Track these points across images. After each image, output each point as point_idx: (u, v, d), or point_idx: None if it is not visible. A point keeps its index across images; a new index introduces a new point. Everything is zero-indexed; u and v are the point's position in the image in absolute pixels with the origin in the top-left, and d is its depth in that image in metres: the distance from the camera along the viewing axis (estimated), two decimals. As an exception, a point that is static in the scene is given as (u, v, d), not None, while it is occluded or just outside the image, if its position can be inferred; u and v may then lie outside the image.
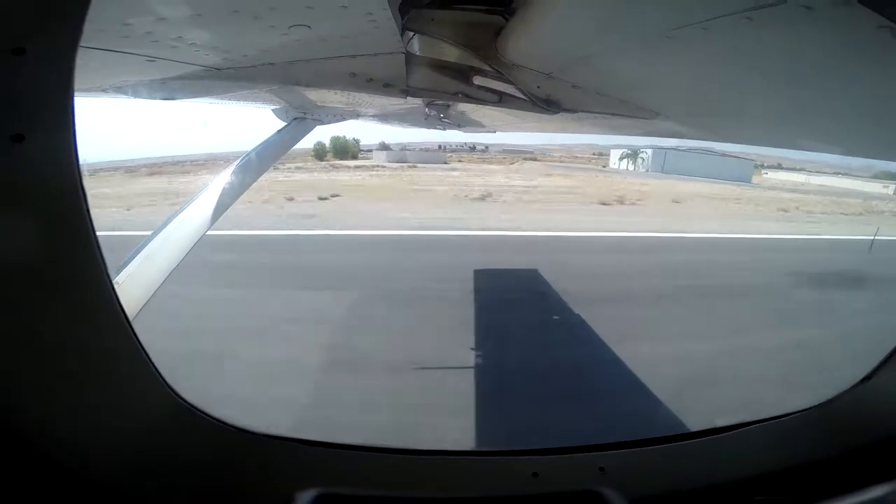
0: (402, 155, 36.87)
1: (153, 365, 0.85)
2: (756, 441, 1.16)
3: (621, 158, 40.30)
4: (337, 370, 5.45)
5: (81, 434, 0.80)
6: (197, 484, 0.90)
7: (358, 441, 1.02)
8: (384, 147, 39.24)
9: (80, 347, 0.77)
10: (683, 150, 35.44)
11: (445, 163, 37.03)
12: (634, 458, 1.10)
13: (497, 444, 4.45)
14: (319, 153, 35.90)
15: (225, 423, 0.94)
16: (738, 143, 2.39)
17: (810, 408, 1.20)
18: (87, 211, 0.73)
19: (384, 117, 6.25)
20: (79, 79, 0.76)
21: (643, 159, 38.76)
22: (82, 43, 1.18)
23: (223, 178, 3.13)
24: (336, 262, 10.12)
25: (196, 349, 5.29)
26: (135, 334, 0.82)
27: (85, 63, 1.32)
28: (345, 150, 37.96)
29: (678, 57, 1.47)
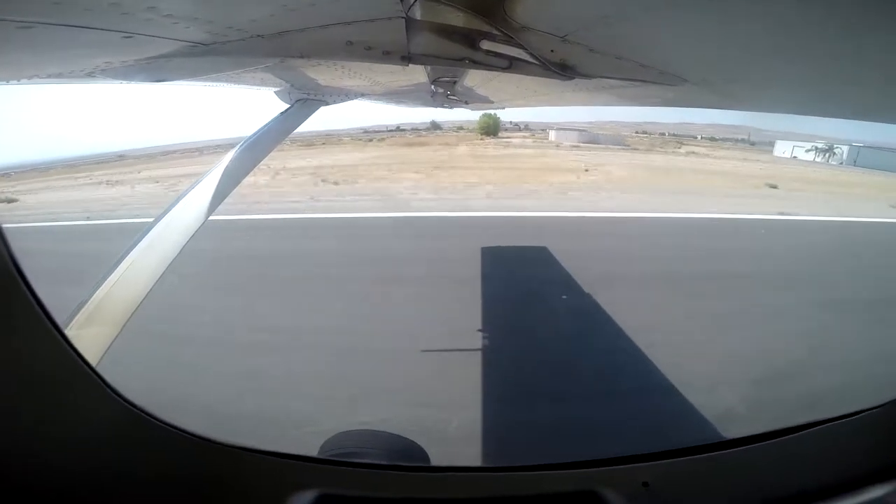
0: (593, 136, 36.61)
1: (92, 370, 0.77)
2: (819, 445, 1.05)
3: (808, 151, 40.86)
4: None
5: (24, 452, 0.73)
6: (154, 496, 0.83)
7: (341, 456, 0.94)
8: (561, 129, 39.02)
9: (4, 366, 0.69)
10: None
11: (626, 144, 36.37)
12: (681, 469, 1.00)
13: (512, 459, 4.43)
14: (490, 129, 37.59)
15: (182, 431, 0.87)
16: (777, 111, 2.19)
17: (875, 407, 1.08)
18: None
19: (390, 96, 6.07)
20: (56, 62, 0.66)
21: (836, 154, 40.81)
22: (45, 20, 1.07)
23: (225, 162, 3.05)
24: None
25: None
26: (65, 338, 0.74)
27: (54, 43, 1.22)
28: (495, 129, 39.43)
29: (707, 16, 1.30)
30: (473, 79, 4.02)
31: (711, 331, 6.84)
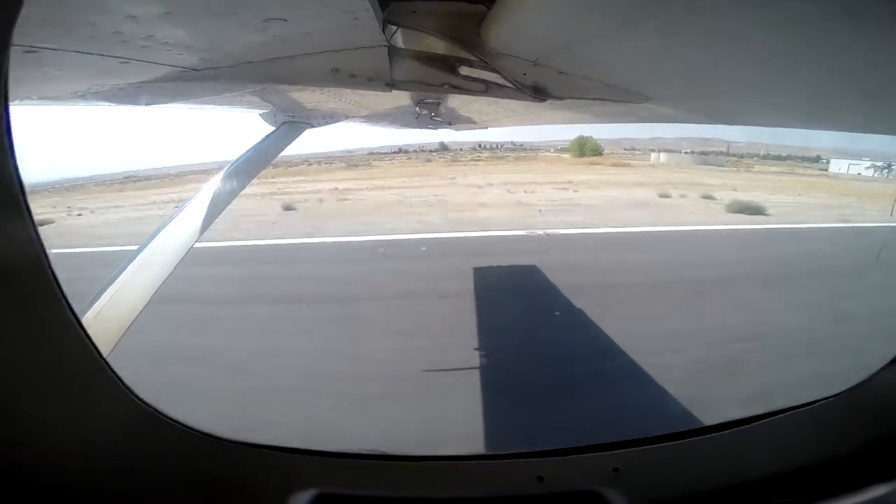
0: (705, 158, 35.24)
1: (112, 371, 0.81)
2: (784, 432, 1.10)
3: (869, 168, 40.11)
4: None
5: (41, 446, 0.76)
6: (168, 493, 0.86)
7: (346, 448, 0.98)
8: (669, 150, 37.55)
9: (30, 358, 0.73)
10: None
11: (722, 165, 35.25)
12: (651, 457, 1.05)
13: (499, 448, 4.40)
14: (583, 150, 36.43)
15: (195, 430, 0.90)
16: (731, 123, 2.36)
17: (839, 394, 1.14)
18: (31, 219, 0.68)
19: (375, 118, 6.21)
20: (51, 84, 0.72)
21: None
22: (52, 45, 1.14)
23: (212, 185, 3.09)
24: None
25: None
26: (90, 339, 0.78)
27: (56, 66, 1.29)
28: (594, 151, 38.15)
29: (665, 37, 1.44)
30: (455, 100, 4.18)
31: None
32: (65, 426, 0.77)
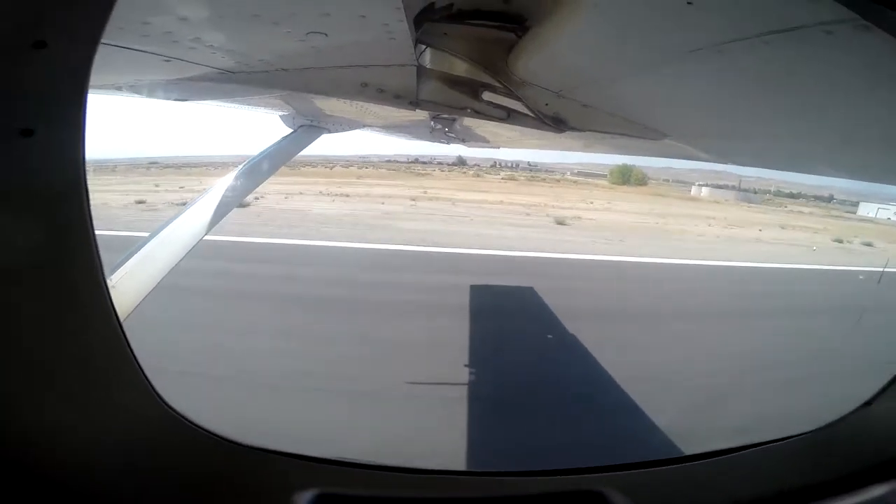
0: (748, 196, 34.74)
1: (144, 374, 0.82)
2: (758, 464, 1.14)
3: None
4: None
5: (74, 446, 0.77)
6: (191, 498, 0.86)
7: (355, 457, 0.99)
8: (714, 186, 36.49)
9: (74, 354, 0.74)
10: None
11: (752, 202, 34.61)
12: (644, 480, 1.07)
13: (500, 465, 4.35)
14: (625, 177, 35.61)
15: (217, 436, 0.90)
16: (748, 165, 2.41)
17: (812, 431, 1.19)
18: (89, 212, 0.71)
19: (389, 129, 6.30)
20: (95, 76, 0.75)
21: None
22: (107, 41, 1.19)
23: (225, 182, 3.12)
24: None
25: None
26: (128, 342, 0.79)
27: (102, 60, 1.33)
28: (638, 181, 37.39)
29: (691, 79, 1.49)
30: (472, 120, 4.25)
31: None
32: (85, 422, 0.78)
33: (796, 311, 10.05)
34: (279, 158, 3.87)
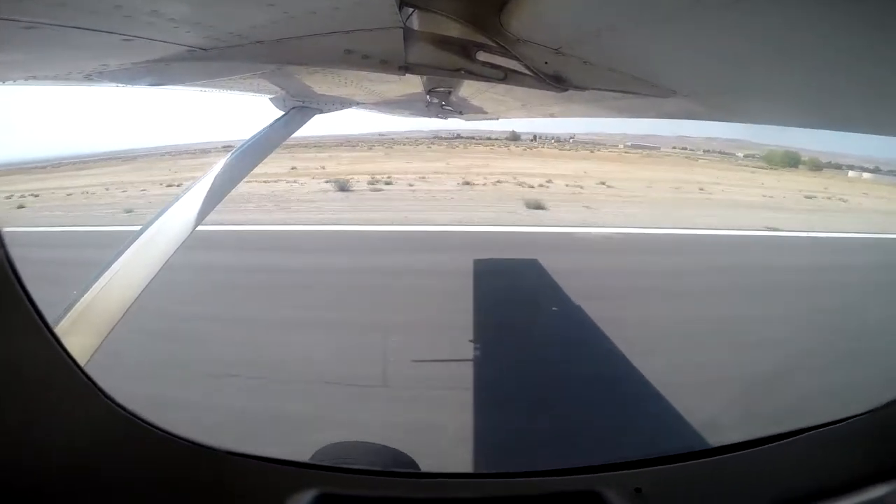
0: None
1: (84, 373, 0.76)
2: (760, 464, 1.07)
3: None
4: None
5: (7, 451, 0.72)
6: (146, 499, 0.82)
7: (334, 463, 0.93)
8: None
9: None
10: None
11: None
12: (673, 475, 1.01)
13: (510, 465, 4.40)
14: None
15: (173, 435, 0.86)
16: (760, 122, 2.25)
17: (864, 413, 1.10)
18: None
19: (385, 105, 6.11)
20: (55, 63, 0.66)
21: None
22: (50, 21, 1.07)
23: (217, 168, 3.04)
24: None
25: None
26: (58, 341, 0.73)
27: (55, 43, 1.22)
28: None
29: (701, 28, 1.35)
30: (467, 90, 4.07)
31: None
32: (35, 433, 0.72)
33: None
34: (270, 142, 3.76)
